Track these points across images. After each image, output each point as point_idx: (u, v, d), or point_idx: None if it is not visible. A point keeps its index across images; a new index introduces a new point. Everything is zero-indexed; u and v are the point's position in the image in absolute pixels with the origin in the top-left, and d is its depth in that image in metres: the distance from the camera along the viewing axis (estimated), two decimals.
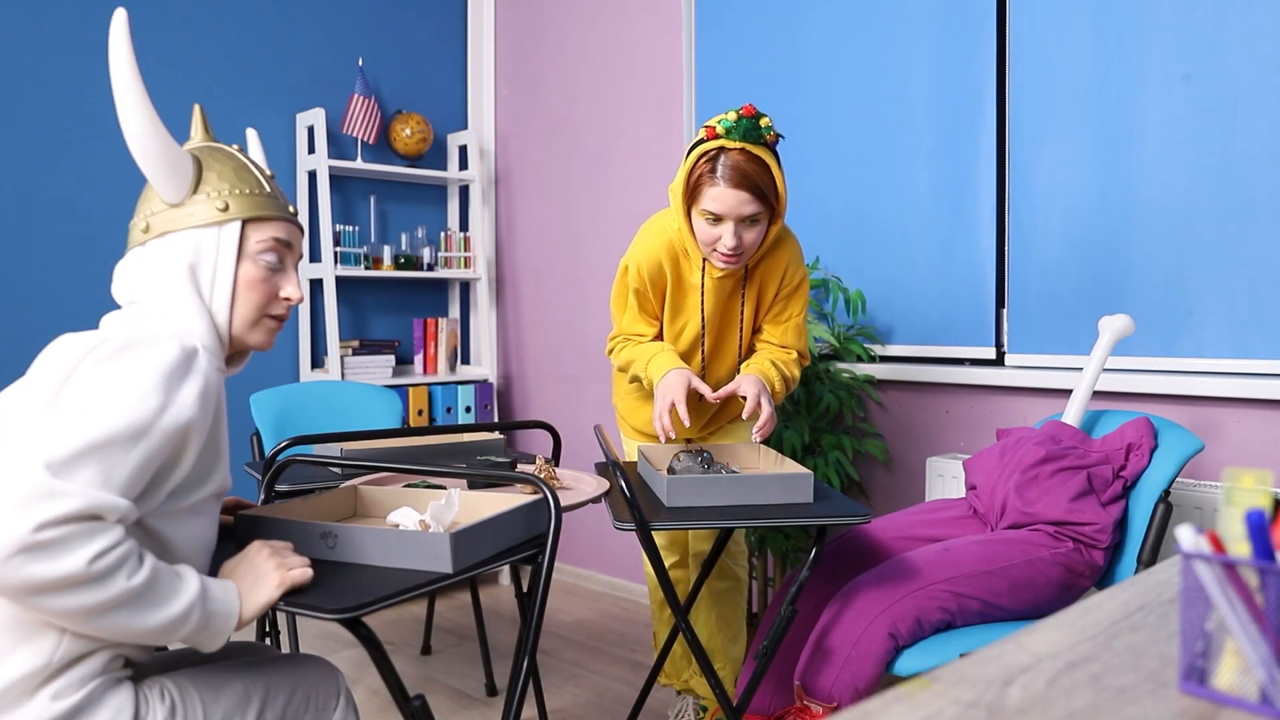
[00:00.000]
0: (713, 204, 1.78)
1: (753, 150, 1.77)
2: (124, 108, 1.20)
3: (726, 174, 1.76)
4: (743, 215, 1.79)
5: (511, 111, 3.81)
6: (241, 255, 1.26)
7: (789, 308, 2.01)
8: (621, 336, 2.05)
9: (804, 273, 2.01)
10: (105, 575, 1.01)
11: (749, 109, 1.77)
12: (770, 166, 1.78)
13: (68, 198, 2.96)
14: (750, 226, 1.81)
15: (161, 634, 1.07)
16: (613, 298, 2.07)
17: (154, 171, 1.22)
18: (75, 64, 2.96)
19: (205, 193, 1.25)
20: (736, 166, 1.76)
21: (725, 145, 1.77)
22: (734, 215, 1.78)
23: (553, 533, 1.42)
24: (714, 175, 1.77)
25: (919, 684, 0.71)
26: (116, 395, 1.06)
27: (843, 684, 1.61)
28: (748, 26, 3.00)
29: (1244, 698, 0.68)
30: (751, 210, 1.78)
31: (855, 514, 1.57)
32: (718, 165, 1.77)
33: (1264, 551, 0.67)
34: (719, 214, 1.78)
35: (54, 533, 0.97)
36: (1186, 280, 2.19)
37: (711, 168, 1.77)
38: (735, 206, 1.77)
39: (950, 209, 2.57)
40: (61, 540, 0.98)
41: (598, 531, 3.54)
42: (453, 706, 2.52)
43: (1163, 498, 1.78)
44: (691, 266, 1.96)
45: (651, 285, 1.97)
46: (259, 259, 1.26)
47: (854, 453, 2.68)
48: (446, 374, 3.61)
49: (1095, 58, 2.31)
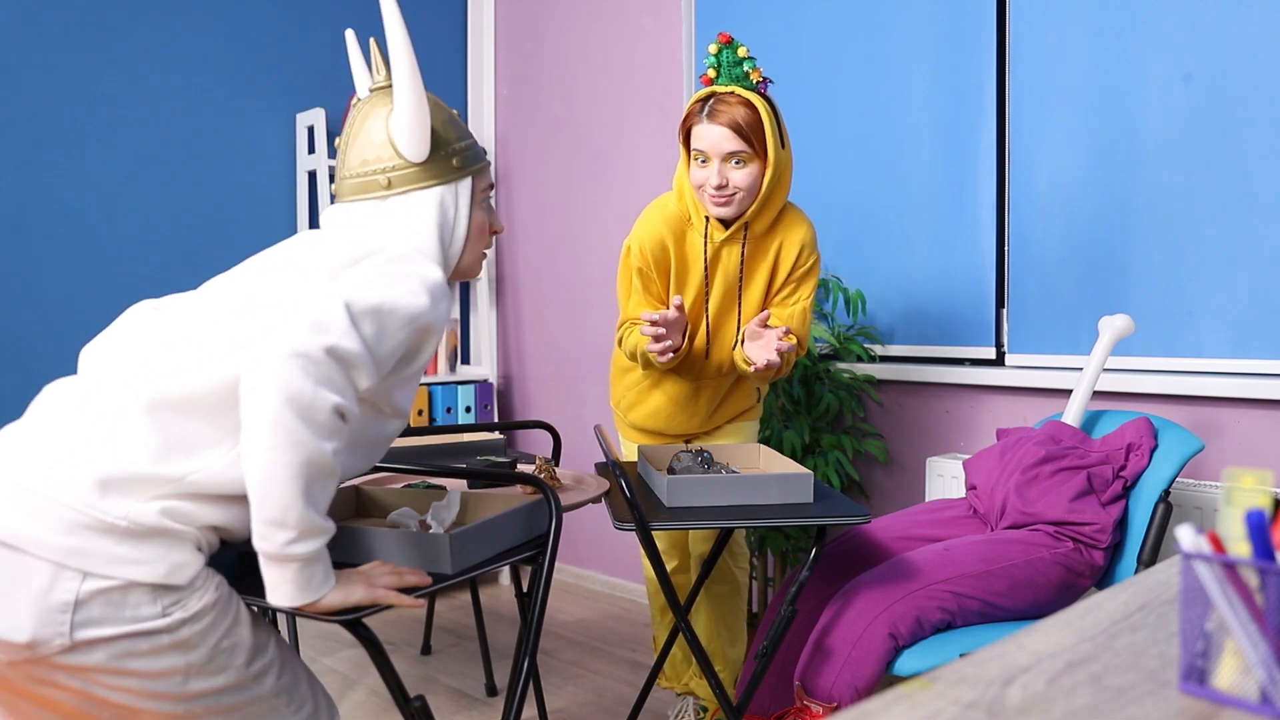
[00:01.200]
0: (699, 141, 1.86)
1: (742, 93, 1.85)
2: (401, 63, 1.30)
3: (711, 112, 1.85)
4: (724, 152, 1.84)
5: (511, 111, 3.81)
6: (473, 205, 1.39)
7: (799, 290, 2.02)
8: (629, 323, 2.04)
9: (818, 256, 2.03)
10: (332, 431, 1.11)
11: (724, 36, 1.87)
12: (760, 109, 1.84)
13: (68, 198, 2.96)
14: (737, 167, 1.86)
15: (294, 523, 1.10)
16: (618, 283, 2.07)
17: (412, 131, 1.32)
18: (76, 64, 2.96)
19: (442, 150, 1.36)
20: (722, 106, 1.85)
21: (717, 90, 1.86)
22: (717, 153, 1.85)
23: (553, 533, 1.42)
24: (700, 115, 1.86)
25: (919, 684, 0.71)
26: (404, 284, 1.20)
27: (843, 684, 1.61)
28: (748, 26, 3.00)
29: (1244, 698, 0.68)
30: (732, 147, 1.84)
31: (855, 514, 1.57)
32: (705, 106, 1.86)
33: (1264, 551, 0.67)
34: (704, 150, 1.86)
35: (331, 366, 1.10)
36: (1186, 280, 2.19)
37: (700, 109, 1.87)
38: (717, 143, 1.84)
39: (950, 209, 2.57)
40: (332, 375, 1.10)
41: (598, 531, 3.54)
42: (453, 706, 2.52)
43: (1163, 498, 1.78)
44: (696, 235, 1.97)
45: (655, 263, 1.98)
46: (483, 204, 1.41)
47: (854, 453, 2.68)
48: (446, 374, 3.62)
49: (1095, 58, 2.31)
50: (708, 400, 2.11)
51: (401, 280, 1.21)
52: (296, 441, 1.08)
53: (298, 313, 1.12)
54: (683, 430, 2.15)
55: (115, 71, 3.03)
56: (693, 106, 1.89)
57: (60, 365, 2.83)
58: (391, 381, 1.26)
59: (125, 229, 3.07)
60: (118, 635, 1.09)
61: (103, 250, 3.03)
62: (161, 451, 1.13)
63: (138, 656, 1.11)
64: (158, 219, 3.13)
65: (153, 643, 1.11)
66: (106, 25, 3.01)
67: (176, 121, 3.17)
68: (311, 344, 1.09)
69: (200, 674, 1.15)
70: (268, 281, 1.24)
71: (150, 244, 3.12)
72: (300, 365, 1.08)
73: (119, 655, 1.10)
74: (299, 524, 1.11)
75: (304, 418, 1.08)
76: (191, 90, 3.19)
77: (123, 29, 3.05)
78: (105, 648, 1.10)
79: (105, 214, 3.03)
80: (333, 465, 1.12)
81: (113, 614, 1.09)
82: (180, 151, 3.17)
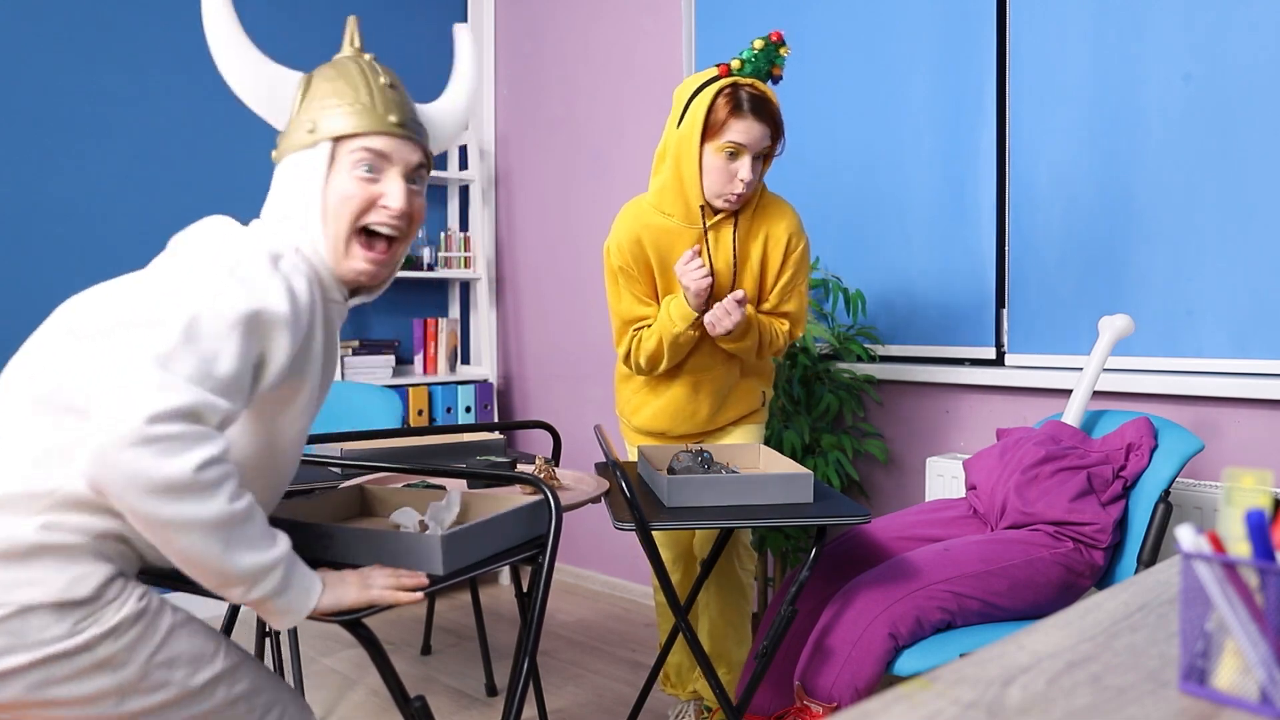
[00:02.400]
0: (740, 135, 1.85)
1: (763, 88, 1.87)
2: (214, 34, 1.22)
3: (751, 104, 1.84)
4: (761, 147, 1.88)
5: (511, 111, 3.81)
6: (331, 173, 1.21)
7: (796, 276, 2.05)
8: (629, 330, 2.05)
9: (806, 240, 2.05)
10: (210, 487, 0.99)
11: (776, 35, 1.86)
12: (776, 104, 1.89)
13: (68, 197, 2.96)
14: (759, 164, 1.90)
15: (239, 578, 1.04)
16: (607, 289, 2.09)
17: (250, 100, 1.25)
18: (76, 63, 2.96)
19: (301, 117, 1.24)
20: (757, 99, 1.85)
21: (738, 81, 1.86)
22: (756, 147, 1.87)
23: (553, 533, 1.42)
24: (739, 109, 1.84)
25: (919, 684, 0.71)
26: (207, 287, 1.05)
27: (843, 684, 1.61)
28: (748, 27, 3.00)
29: (1244, 698, 0.68)
30: (768, 144, 1.89)
31: (855, 514, 1.57)
32: (740, 98, 1.84)
33: (1264, 551, 0.67)
34: (743, 144, 1.86)
35: (165, 428, 0.96)
36: (1186, 280, 2.19)
37: (734, 101, 1.84)
38: (759, 139, 1.86)
39: (950, 209, 2.57)
40: (172, 438, 0.97)
41: (598, 531, 3.54)
42: (453, 706, 2.52)
43: (1163, 498, 1.78)
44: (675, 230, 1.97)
45: (634, 260, 2.00)
46: (351, 172, 1.22)
47: (854, 453, 2.68)
48: (446, 374, 3.61)
49: (1095, 58, 2.31)
50: (709, 399, 2.11)
51: (203, 283, 1.06)
52: (182, 523, 0.99)
53: (106, 393, 0.98)
54: (686, 432, 2.15)
55: (116, 70, 3.03)
56: (721, 99, 1.85)
57: None
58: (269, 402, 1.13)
59: (125, 229, 3.07)
60: (29, 663, 1.02)
61: (103, 250, 3.02)
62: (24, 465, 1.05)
63: (58, 683, 1.04)
64: (158, 219, 3.13)
65: (71, 665, 1.04)
66: (107, 24, 3.01)
67: (177, 121, 3.17)
68: (134, 421, 0.95)
69: (136, 693, 1.07)
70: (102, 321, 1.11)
71: (150, 244, 3.12)
72: (133, 453, 0.95)
73: (38, 685, 1.03)
74: (242, 578, 1.05)
75: (173, 496, 0.98)
76: (192, 89, 3.19)
77: (124, 28, 3.05)
78: (20, 679, 1.02)
79: (105, 214, 3.03)
80: (236, 510, 1.03)
81: (16, 642, 1.01)
82: (180, 151, 3.17)
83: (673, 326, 1.96)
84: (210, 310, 1.04)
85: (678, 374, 2.10)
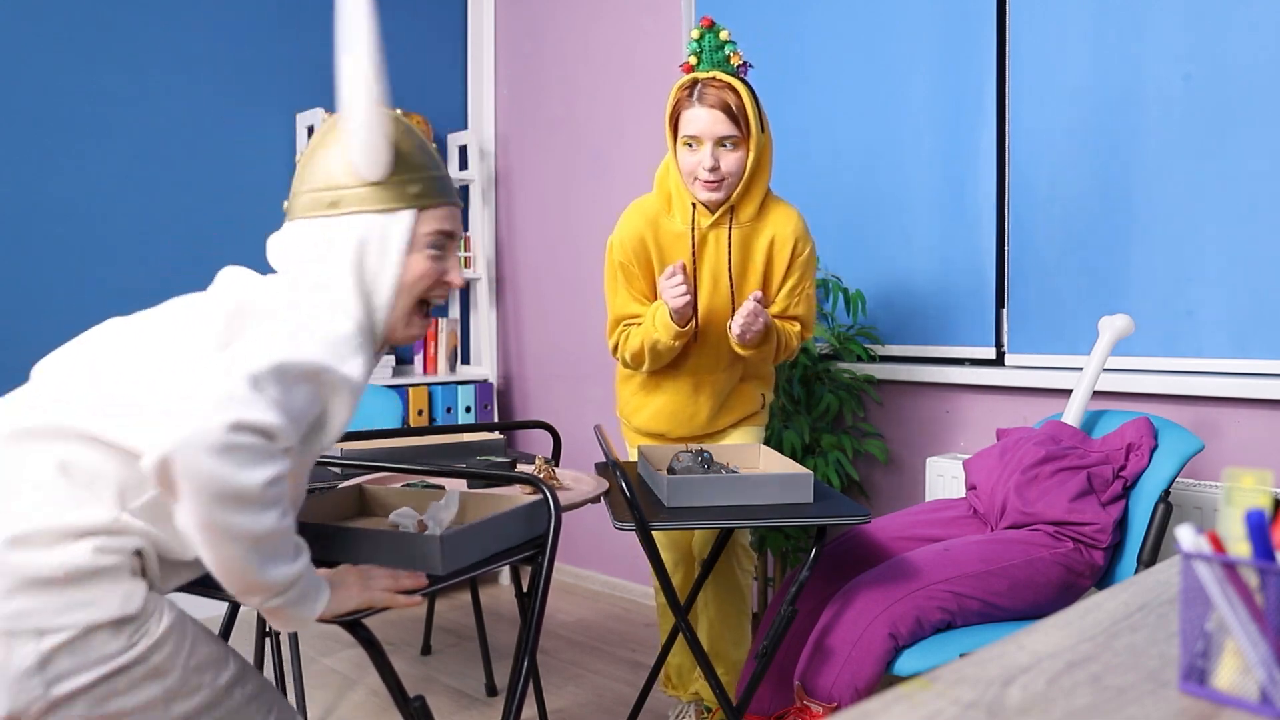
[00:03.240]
0: (690, 126, 1.91)
1: (724, 78, 1.91)
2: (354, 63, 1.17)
3: (700, 95, 1.90)
4: (716, 135, 1.89)
5: (511, 111, 3.81)
6: (411, 247, 1.24)
7: (802, 279, 2.06)
8: (620, 325, 2.07)
9: (812, 244, 2.07)
10: (271, 503, 1.04)
11: (706, 20, 1.92)
12: (742, 93, 1.90)
13: (68, 198, 2.96)
14: (727, 151, 1.91)
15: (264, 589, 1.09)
16: (605, 282, 2.10)
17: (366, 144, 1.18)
18: (76, 63, 2.96)
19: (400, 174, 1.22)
20: (710, 89, 1.90)
21: (699, 76, 1.92)
22: (710, 136, 1.90)
23: (552, 533, 1.42)
24: (690, 99, 1.91)
25: (919, 684, 0.71)
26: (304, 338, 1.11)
27: (843, 684, 1.61)
28: (748, 27, 3.00)
29: (1244, 698, 0.68)
30: (725, 130, 1.89)
31: (855, 514, 1.57)
32: (694, 91, 1.91)
33: (1264, 551, 0.67)
34: (696, 134, 1.91)
35: (245, 438, 1.00)
36: (1186, 280, 2.19)
37: (689, 94, 1.92)
38: (710, 126, 1.89)
39: (950, 209, 2.57)
40: (249, 449, 1.01)
41: (598, 531, 3.54)
42: (453, 706, 2.52)
43: (1163, 498, 1.78)
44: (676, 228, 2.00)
45: (635, 257, 2.02)
46: (427, 249, 1.25)
47: (854, 453, 2.68)
48: (446, 374, 3.61)
49: (1095, 58, 2.30)
50: (709, 399, 2.11)
51: (301, 334, 1.12)
52: (237, 532, 1.03)
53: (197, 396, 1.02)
54: (685, 434, 2.15)
55: (115, 71, 3.03)
56: (679, 94, 1.93)
57: None
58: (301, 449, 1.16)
59: (125, 229, 3.07)
60: (94, 681, 1.07)
61: (103, 250, 3.02)
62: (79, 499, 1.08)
63: (118, 696, 1.09)
64: (158, 219, 3.13)
65: (129, 678, 1.09)
66: (107, 25, 3.01)
67: (177, 121, 3.17)
68: (218, 426, 0.99)
69: (179, 698, 1.13)
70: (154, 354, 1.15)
71: (150, 244, 3.12)
72: (213, 457, 0.99)
73: (99, 700, 1.08)
74: (269, 589, 1.10)
75: (238, 506, 1.02)
76: (192, 90, 3.19)
77: (123, 29, 3.04)
78: (84, 697, 1.07)
79: (105, 214, 3.03)
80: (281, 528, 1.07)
81: (81, 662, 1.06)
82: (180, 151, 3.17)
83: (654, 333, 1.98)
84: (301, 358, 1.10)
85: (678, 376, 2.10)
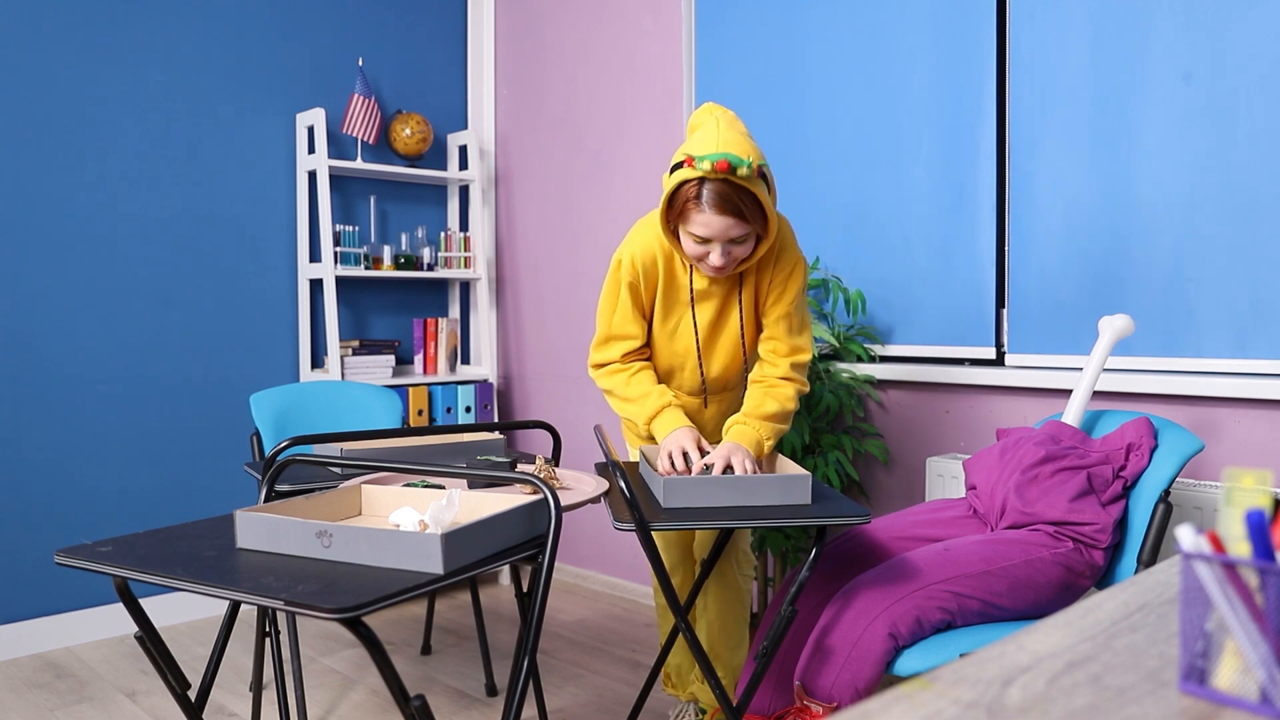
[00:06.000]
0: (700, 229, 1.78)
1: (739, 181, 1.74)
2: None
3: (711, 200, 1.74)
4: (729, 238, 1.79)
5: (511, 111, 3.81)
6: None
7: (785, 294, 1.97)
8: (612, 343, 2.01)
9: (797, 255, 1.97)
10: None
11: (723, 165, 1.71)
12: (756, 192, 1.76)
13: (68, 198, 2.96)
14: (738, 244, 1.82)
15: None
16: (602, 296, 2.03)
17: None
18: (76, 64, 2.96)
19: None
20: (721, 193, 1.74)
21: (706, 176, 1.74)
22: (722, 238, 1.79)
23: (552, 533, 1.42)
24: (699, 201, 1.75)
25: (919, 684, 0.71)
26: None
27: (843, 684, 1.61)
28: (748, 26, 3.00)
29: (1244, 698, 0.68)
30: (738, 232, 1.79)
31: (855, 514, 1.57)
32: (703, 191, 1.75)
33: (1264, 551, 0.67)
34: (707, 237, 1.79)
35: None
36: (1186, 280, 2.19)
37: (697, 194, 1.75)
38: (723, 230, 1.77)
39: (950, 209, 2.57)
40: None
41: (598, 531, 3.54)
42: (453, 706, 2.52)
43: (1163, 498, 1.77)
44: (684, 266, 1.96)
45: (645, 278, 1.95)
46: None
47: (854, 453, 2.68)
48: (446, 374, 3.61)
49: (1095, 58, 2.31)
50: (715, 413, 2.11)
51: None
52: None
53: None
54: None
55: (115, 71, 3.03)
56: (686, 190, 1.77)
57: (60, 365, 2.83)
58: None
59: (125, 229, 3.07)
60: None
61: (103, 250, 3.02)
62: None
63: None
64: (158, 219, 3.13)
65: None
66: (107, 25, 3.01)
67: (177, 121, 3.17)
68: None
69: None
70: None
71: (150, 244, 3.12)
72: None
73: None
74: None
75: None
76: (192, 90, 3.19)
77: (123, 29, 3.05)
78: None
79: (105, 214, 3.03)
80: None
81: None
82: (180, 151, 3.17)
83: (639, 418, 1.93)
84: None
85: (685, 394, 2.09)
